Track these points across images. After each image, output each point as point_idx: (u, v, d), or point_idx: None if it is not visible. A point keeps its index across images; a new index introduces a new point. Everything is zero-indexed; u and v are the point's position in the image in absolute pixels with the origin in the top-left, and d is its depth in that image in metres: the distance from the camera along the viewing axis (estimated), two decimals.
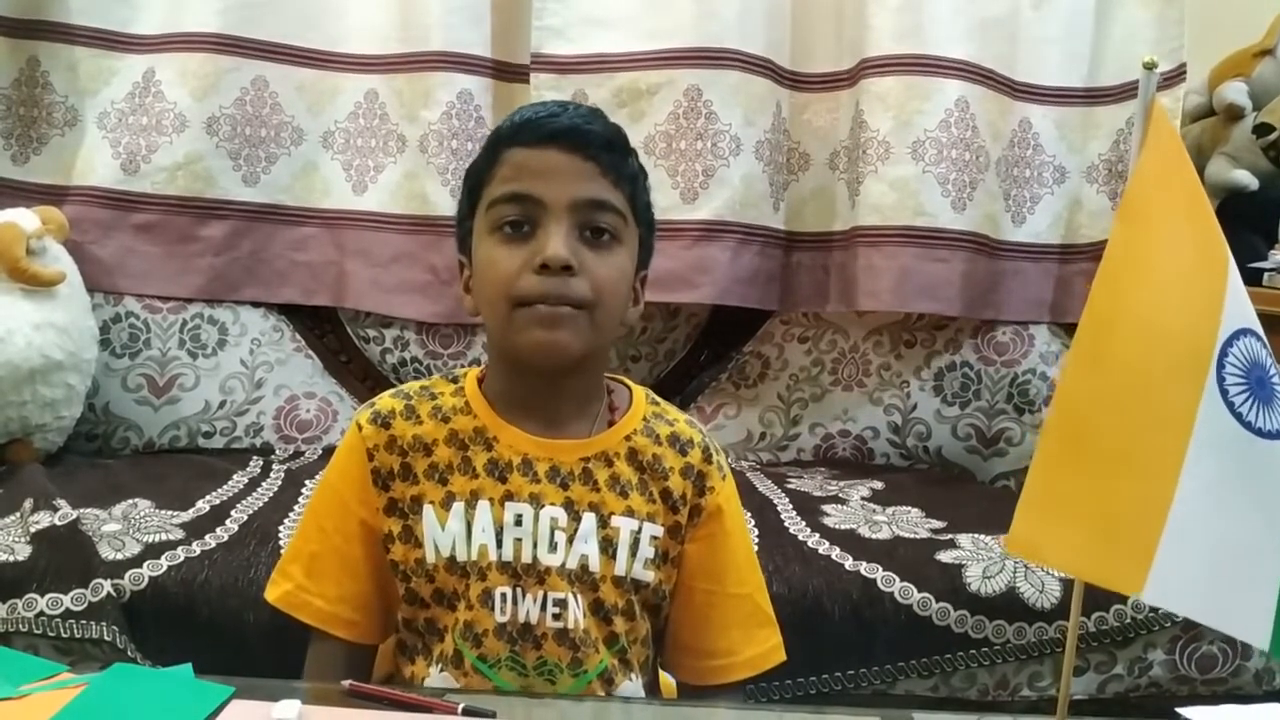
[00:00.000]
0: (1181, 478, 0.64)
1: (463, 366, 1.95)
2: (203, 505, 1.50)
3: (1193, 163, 0.70)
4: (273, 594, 0.94)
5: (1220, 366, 0.65)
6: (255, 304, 1.95)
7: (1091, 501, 0.66)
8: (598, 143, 0.88)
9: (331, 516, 0.93)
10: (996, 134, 1.94)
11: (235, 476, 1.66)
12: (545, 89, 1.88)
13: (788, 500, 1.67)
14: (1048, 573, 1.41)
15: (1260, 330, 0.67)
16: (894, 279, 1.89)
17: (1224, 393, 0.65)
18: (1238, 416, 0.65)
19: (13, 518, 1.38)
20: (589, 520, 0.90)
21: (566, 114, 0.89)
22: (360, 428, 0.93)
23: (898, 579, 1.41)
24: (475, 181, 0.92)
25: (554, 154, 0.87)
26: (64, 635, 1.25)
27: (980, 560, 1.43)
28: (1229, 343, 0.65)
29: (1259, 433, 0.65)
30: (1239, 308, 0.66)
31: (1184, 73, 1.97)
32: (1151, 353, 0.66)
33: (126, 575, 1.30)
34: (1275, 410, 0.65)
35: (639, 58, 1.89)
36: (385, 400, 0.95)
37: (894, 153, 1.88)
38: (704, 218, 1.90)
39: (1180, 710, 0.90)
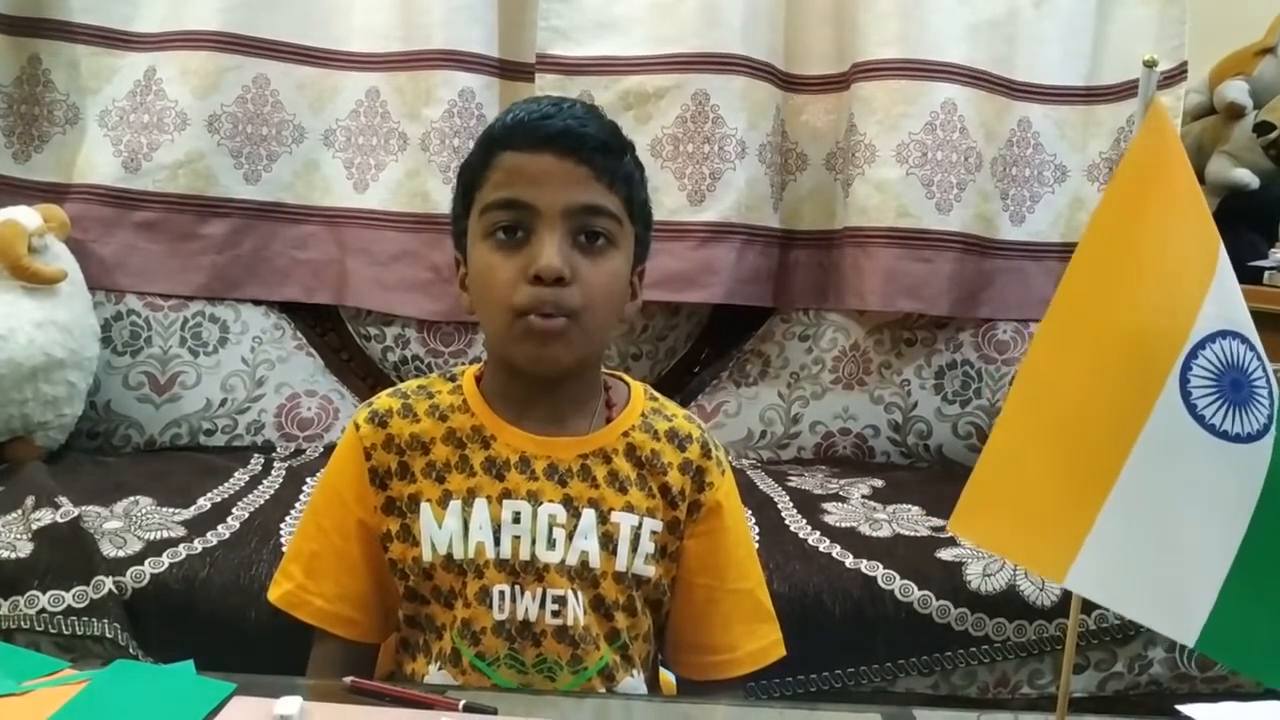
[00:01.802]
0: (1123, 473, 0.65)
1: (463, 364, 1.94)
2: (204, 503, 1.50)
3: (1193, 161, 0.70)
4: (274, 593, 0.94)
5: (1186, 369, 0.65)
6: (256, 302, 1.96)
7: (1033, 486, 0.67)
8: (592, 145, 0.87)
9: (330, 516, 0.93)
10: (991, 134, 1.95)
11: (236, 474, 1.66)
12: (551, 90, 1.87)
13: (788, 498, 1.67)
14: None
15: (1249, 332, 0.66)
16: (879, 279, 1.92)
17: (1186, 395, 0.65)
18: (1199, 419, 0.65)
19: (15, 515, 1.38)
20: (589, 516, 0.90)
21: (560, 115, 0.88)
22: (357, 427, 0.93)
23: (898, 577, 1.41)
24: (469, 181, 0.91)
25: (547, 159, 0.86)
26: (65, 632, 1.26)
27: (980, 558, 1.43)
28: (1201, 345, 0.65)
29: (1224, 436, 0.65)
30: (1221, 310, 0.66)
31: (1185, 71, 1.97)
32: (1115, 346, 0.67)
33: (128, 572, 1.30)
34: (1252, 414, 0.65)
35: (645, 62, 1.90)
36: (382, 399, 0.95)
37: (879, 156, 1.91)
38: (710, 219, 1.91)
39: (1180, 708, 0.90)
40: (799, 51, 2.00)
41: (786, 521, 1.57)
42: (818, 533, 1.52)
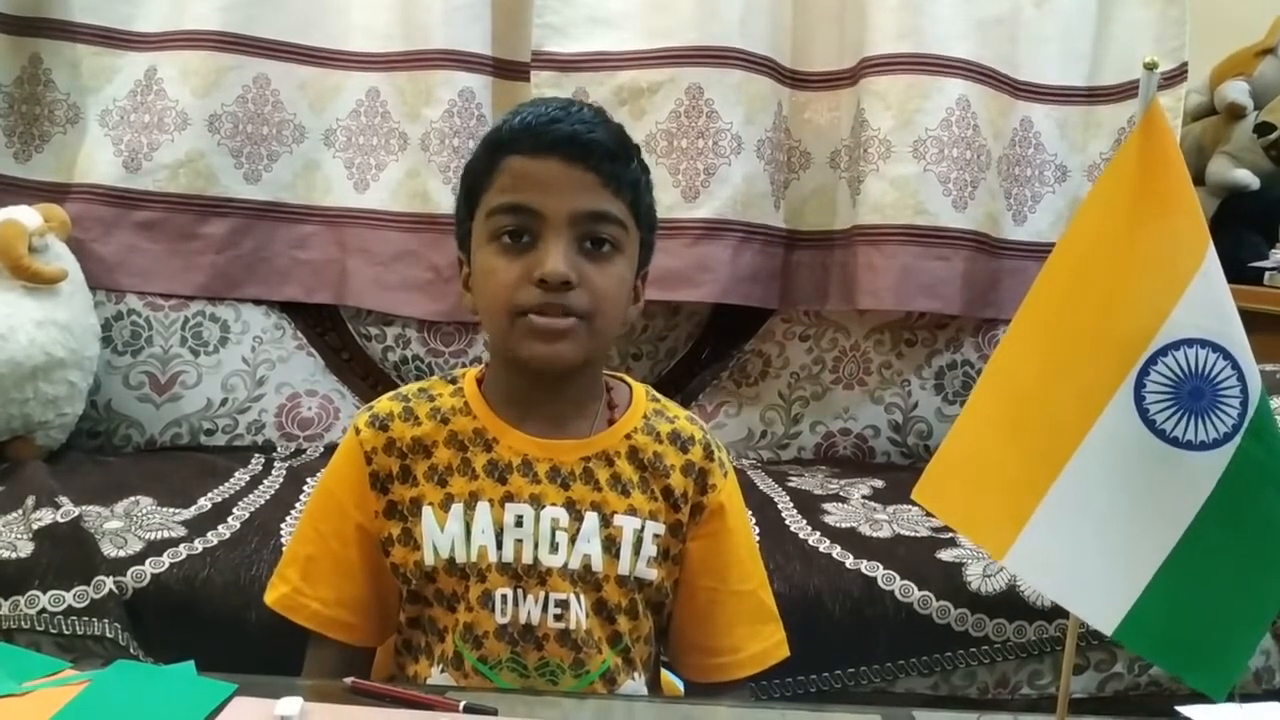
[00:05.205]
0: (1068, 466, 0.68)
1: (464, 365, 1.95)
2: (204, 503, 1.50)
3: (1193, 162, 0.70)
4: (271, 597, 0.94)
5: (1144, 373, 0.66)
6: (257, 302, 1.95)
7: (989, 467, 0.71)
8: (599, 152, 0.86)
9: (328, 520, 0.93)
10: (997, 133, 1.94)
11: (237, 474, 1.66)
12: (546, 87, 1.88)
13: (788, 498, 1.67)
14: None
15: (1227, 340, 0.67)
16: (894, 277, 1.89)
17: (1140, 398, 0.67)
18: (1150, 424, 0.67)
19: (15, 515, 1.38)
20: (591, 520, 0.89)
21: (567, 120, 0.87)
22: (358, 431, 0.92)
23: (898, 577, 1.41)
24: (473, 184, 0.91)
25: (554, 164, 0.86)
26: (66, 632, 1.26)
27: (981, 559, 1.43)
28: (1163, 351, 0.66)
29: (1174, 442, 0.66)
30: (1195, 317, 0.66)
31: (1185, 72, 1.97)
32: (1080, 342, 0.68)
33: (129, 572, 1.30)
34: (1211, 423, 0.66)
35: (640, 56, 1.89)
36: (383, 403, 0.94)
37: (895, 151, 1.88)
38: (705, 216, 1.90)
39: (1180, 709, 0.90)
40: (804, 49, 1.98)
41: (787, 522, 1.57)
42: (818, 533, 1.52)
